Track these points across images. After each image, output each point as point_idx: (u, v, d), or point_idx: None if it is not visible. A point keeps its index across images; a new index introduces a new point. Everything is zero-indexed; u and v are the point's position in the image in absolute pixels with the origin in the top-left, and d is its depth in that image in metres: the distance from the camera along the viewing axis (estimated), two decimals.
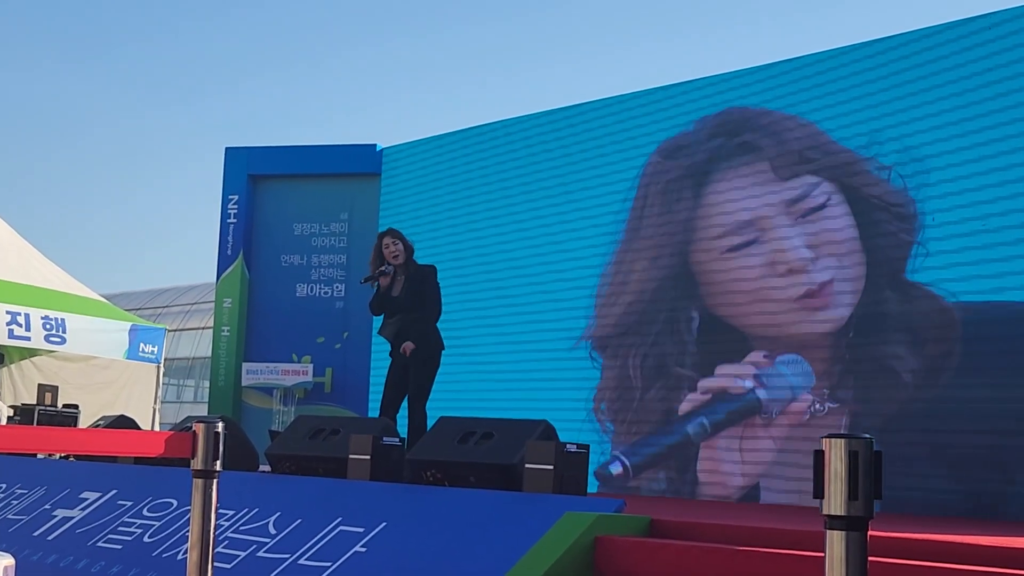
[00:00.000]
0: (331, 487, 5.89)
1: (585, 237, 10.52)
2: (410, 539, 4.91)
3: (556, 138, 10.96)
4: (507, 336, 10.87)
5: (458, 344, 11.22)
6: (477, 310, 11.17)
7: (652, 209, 10.07)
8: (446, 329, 11.11)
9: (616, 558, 4.41)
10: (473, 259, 11.36)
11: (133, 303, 26.26)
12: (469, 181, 11.62)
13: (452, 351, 11.18)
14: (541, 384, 10.52)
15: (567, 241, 10.65)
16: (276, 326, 12.80)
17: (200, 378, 25.19)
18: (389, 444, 6.37)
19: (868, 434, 2.58)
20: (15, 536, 6.41)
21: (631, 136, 10.36)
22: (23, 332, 11.99)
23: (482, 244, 11.32)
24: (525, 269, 10.89)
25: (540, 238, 10.86)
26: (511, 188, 11.21)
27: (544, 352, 10.58)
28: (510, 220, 11.13)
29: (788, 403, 8.90)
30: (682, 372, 9.58)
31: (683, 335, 9.64)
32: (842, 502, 2.52)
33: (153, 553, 5.62)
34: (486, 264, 11.24)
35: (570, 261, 10.58)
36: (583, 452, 5.74)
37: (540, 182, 10.98)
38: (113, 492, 6.56)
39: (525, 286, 10.86)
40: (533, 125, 11.21)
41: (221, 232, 13.17)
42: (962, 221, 8.18)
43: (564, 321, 10.53)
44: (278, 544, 5.25)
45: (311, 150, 13.12)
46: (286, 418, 11.90)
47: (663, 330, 9.78)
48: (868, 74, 8.89)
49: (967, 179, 8.19)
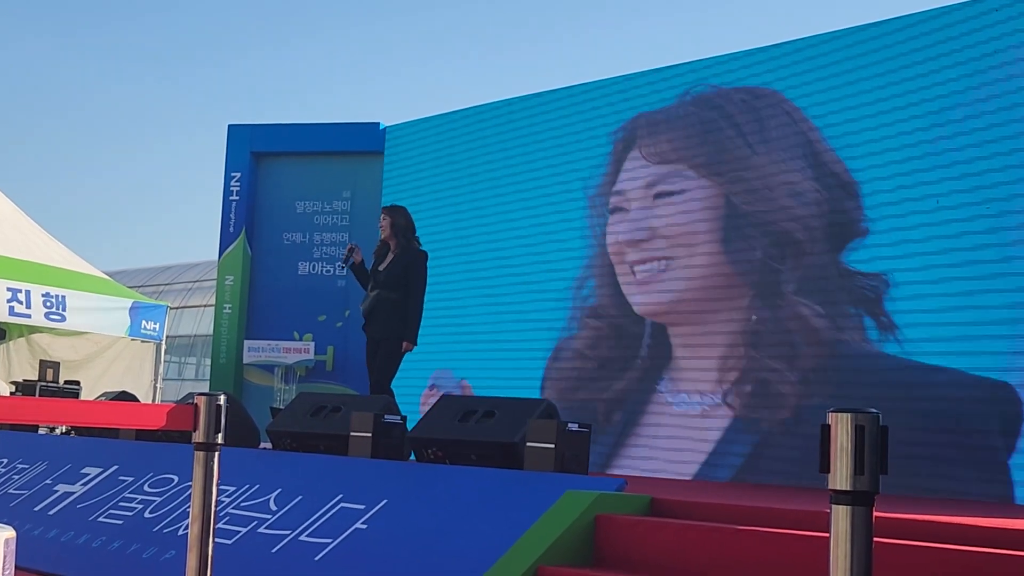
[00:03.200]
0: (332, 464, 5.89)
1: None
2: (411, 517, 4.91)
3: (561, 116, 10.93)
4: (514, 313, 10.87)
5: (464, 321, 11.25)
6: (482, 288, 11.17)
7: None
8: (452, 307, 11.09)
9: (617, 537, 4.41)
10: (477, 237, 11.34)
11: (135, 280, 26.23)
12: (472, 160, 11.60)
13: (458, 328, 11.25)
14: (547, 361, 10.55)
15: (575, 219, 10.62)
16: (278, 304, 12.80)
17: (202, 356, 25.19)
18: (390, 422, 6.37)
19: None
20: (16, 511, 6.42)
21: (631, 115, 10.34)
22: (23, 309, 11.96)
23: (486, 222, 11.30)
24: (531, 247, 10.87)
25: (545, 215, 10.83)
26: (515, 166, 11.18)
27: (551, 328, 10.58)
28: (514, 198, 11.11)
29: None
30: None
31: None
32: (848, 476, 2.50)
33: (154, 528, 5.62)
34: (491, 242, 11.22)
35: (577, 240, 10.56)
36: (585, 431, 5.74)
37: (544, 159, 10.96)
38: (114, 468, 6.57)
39: (531, 264, 10.84)
40: (537, 103, 11.17)
41: (223, 210, 13.15)
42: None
43: (571, 297, 10.54)
44: (279, 520, 5.26)
45: (314, 128, 13.08)
46: (287, 396, 11.91)
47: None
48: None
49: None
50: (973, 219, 7.97)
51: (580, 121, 10.76)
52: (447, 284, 11.01)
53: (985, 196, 7.90)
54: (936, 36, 8.39)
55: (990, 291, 7.79)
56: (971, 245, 7.94)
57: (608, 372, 10.01)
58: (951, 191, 8.10)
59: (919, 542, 3.77)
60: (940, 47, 8.35)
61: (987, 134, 7.95)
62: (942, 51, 8.34)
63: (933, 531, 3.95)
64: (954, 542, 3.79)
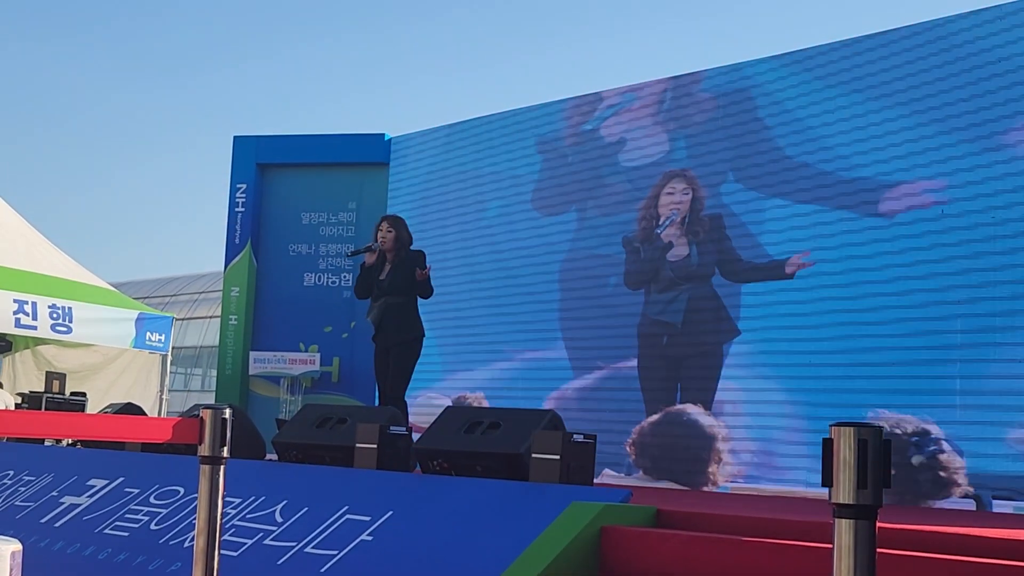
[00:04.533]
0: (338, 476, 5.89)
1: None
2: (416, 528, 4.91)
3: (567, 127, 10.94)
4: (518, 325, 10.87)
5: (468, 332, 11.25)
6: (487, 299, 11.17)
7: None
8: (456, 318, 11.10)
9: (622, 548, 4.41)
10: (482, 249, 11.35)
11: (141, 291, 26.27)
12: (478, 171, 11.61)
13: (462, 338, 11.25)
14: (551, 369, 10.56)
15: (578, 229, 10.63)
16: (283, 315, 12.81)
17: (207, 367, 25.20)
18: (396, 433, 6.37)
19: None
20: (23, 522, 6.43)
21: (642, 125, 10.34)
22: (30, 321, 11.98)
23: (491, 234, 11.31)
24: (535, 258, 10.88)
25: (549, 227, 10.84)
26: (520, 177, 11.19)
27: (556, 339, 10.58)
28: (519, 209, 11.12)
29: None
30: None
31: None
32: (851, 490, 2.51)
33: (160, 540, 5.63)
34: (495, 253, 11.23)
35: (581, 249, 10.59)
36: (590, 442, 5.73)
37: (549, 170, 10.97)
38: (120, 479, 6.57)
39: (535, 275, 10.84)
40: (543, 114, 11.19)
41: (229, 221, 13.16)
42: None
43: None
44: (284, 532, 5.26)
45: (320, 139, 13.10)
46: (293, 407, 11.91)
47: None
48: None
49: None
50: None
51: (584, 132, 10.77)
52: (451, 294, 11.02)
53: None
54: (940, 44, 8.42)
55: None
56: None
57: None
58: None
59: (925, 553, 3.76)
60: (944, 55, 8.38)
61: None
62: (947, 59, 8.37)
63: (939, 542, 3.94)
64: (961, 553, 3.78)
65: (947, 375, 8.00)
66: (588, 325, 10.42)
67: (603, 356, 10.21)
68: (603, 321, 10.29)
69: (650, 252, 10.13)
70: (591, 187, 10.61)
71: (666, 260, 9.96)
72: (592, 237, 10.50)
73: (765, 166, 9.34)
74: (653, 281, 10.02)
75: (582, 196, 10.68)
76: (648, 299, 10.08)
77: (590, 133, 10.72)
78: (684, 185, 10.00)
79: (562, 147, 10.92)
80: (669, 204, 10.05)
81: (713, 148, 9.74)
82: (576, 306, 10.54)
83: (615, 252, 10.35)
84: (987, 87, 8.14)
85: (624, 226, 10.34)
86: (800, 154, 9.13)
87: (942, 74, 8.38)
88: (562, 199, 10.85)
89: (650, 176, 10.23)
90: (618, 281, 10.26)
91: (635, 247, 10.29)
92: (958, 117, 8.26)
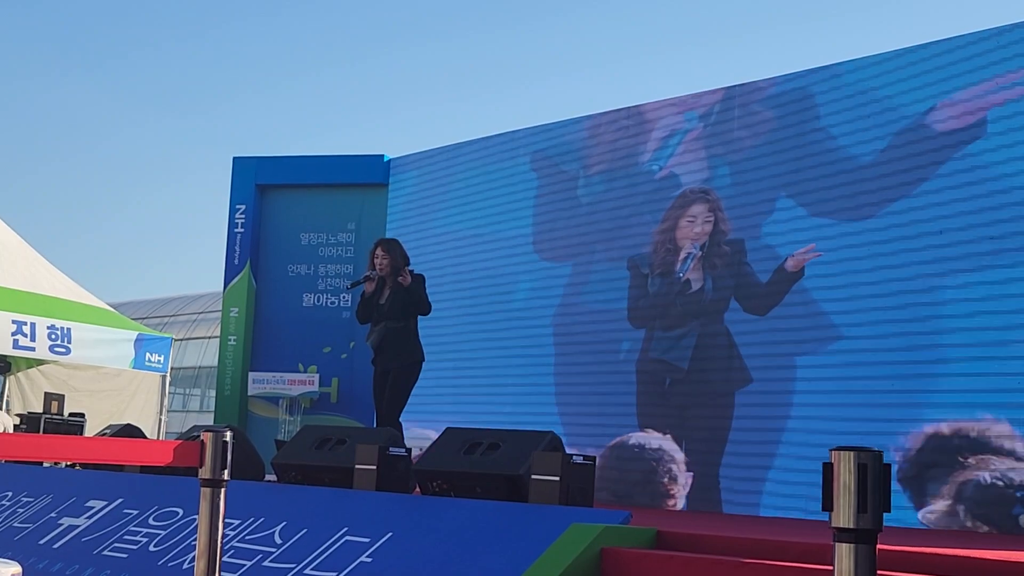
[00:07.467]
0: (337, 497, 5.89)
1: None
2: (416, 549, 4.91)
3: (567, 149, 10.95)
4: (517, 348, 10.86)
5: (463, 356, 11.24)
6: (482, 322, 11.16)
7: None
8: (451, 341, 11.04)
9: (622, 570, 4.41)
10: (480, 271, 11.35)
11: (140, 312, 26.28)
12: (477, 192, 11.63)
13: (456, 362, 11.24)
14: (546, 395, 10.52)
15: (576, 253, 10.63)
16: (282, 336, 12.81)
17: (206, 387, 25.17)
18: (395, 454, 6.37)
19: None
20: (21, 544, 6.42)
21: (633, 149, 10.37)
22: (28, 342, 11.97)
23: (488, 255, 11.32)
24: (532, 281, 10.88)
25: (547, 249, 10.85)
26: (518, 199, 11.21)
27: (549, 363, 10.57)
28: (517, 232, 11.13)
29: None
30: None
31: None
32: (851, 515, 2.51)
33: (159, 562, 5.62)
34: (491, 276, 11.23)
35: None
36: (589, 463, 5.73)
37: (548, 193, 10.98)
38: (119, 501, 6.57)
39: (531, 299, 10.84)
40: (542, 136, 11.21)
41: (228, 241, 13.17)
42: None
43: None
44: (284, 553, 5.25)
45: (319, 160, 13.13)
46: (292, 428, 11.89)
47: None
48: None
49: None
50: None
51: (584, 154, 10.79)
52: (446, 316, 11.01)
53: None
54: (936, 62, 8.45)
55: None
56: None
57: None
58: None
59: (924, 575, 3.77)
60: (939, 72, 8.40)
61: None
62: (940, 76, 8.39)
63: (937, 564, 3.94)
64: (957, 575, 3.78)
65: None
66: (587, 352, 10.29)
67: (599, 392, 10.03)
68: (602, 358, 10.12)
69: (660, 286, 9.71)
70: (594, 210, 10.61)
71: (676, 295, 9.57)
72: (594, 252, 10.49)
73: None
74: (660, 317, 9.68)
75: (584, 221, 10.67)
76: (651, 334, 9.72)
77: (584, 151, 10.73)
78: (706, 210, 9.54)
79: (560, 167, 10.92)
80: (690, 235, 9.62)
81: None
82: (574, 347, 10.40)
83: (621, 276, 10.09)
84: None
85: (631, 249, 10.09)
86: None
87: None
88: (563, 236, 10.76)
89: (661, 200, 9.94)
90: (621, 316, 10.03)
91: (643, 274, 9.83)
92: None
